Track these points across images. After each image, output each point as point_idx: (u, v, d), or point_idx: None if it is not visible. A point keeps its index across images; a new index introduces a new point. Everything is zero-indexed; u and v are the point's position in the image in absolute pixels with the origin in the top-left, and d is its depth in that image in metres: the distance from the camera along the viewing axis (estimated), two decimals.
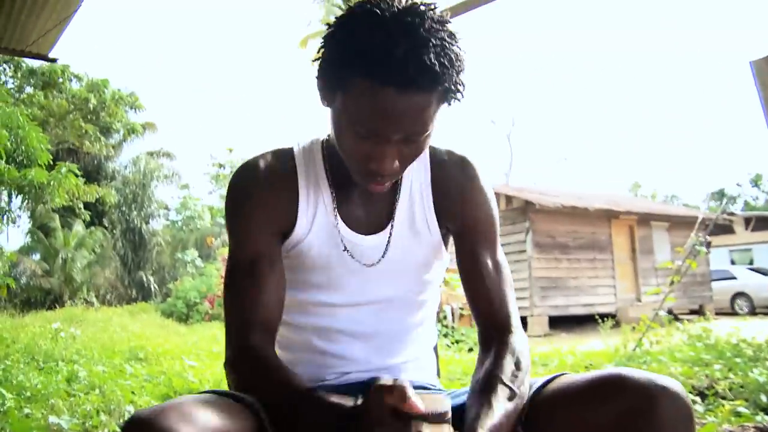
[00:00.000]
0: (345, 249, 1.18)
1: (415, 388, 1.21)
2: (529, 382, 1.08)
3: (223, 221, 28.97)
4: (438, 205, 1.21)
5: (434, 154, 1.23)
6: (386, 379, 0.91)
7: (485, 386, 1.03)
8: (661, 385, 0.91)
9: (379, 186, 1.07)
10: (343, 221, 1.18)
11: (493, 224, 1.23)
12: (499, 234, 1.25)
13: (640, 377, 0.93)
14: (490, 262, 1.20)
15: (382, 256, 1.19)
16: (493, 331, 1.16)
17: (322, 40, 1.00)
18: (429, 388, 1.25)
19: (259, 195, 1.14)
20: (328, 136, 1.20)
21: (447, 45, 0.93)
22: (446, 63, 0.92)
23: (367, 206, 1.20)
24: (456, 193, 1.21)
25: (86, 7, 5.02)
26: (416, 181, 1.21)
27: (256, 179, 1.16)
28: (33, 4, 4.84)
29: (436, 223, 1.21)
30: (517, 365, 1.07)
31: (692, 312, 15.66)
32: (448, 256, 1.27)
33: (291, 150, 1.21)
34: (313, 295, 1.20)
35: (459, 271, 1.23)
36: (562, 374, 1.08)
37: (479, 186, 1.22)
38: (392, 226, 1.20)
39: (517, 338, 1.14)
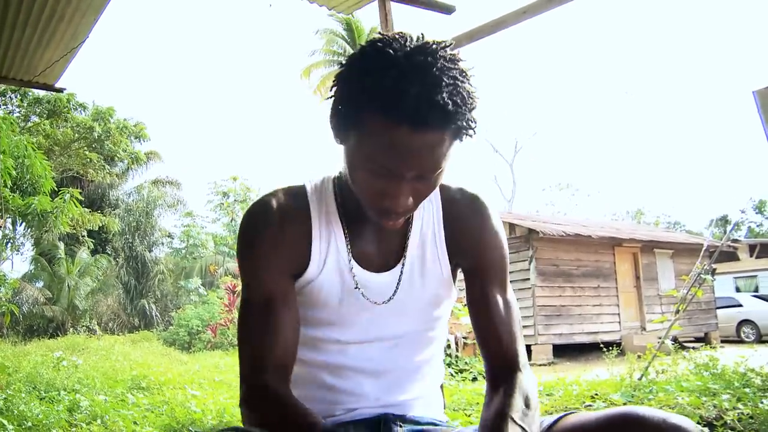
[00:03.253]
0: (357, 287, 1.17)
1: (423, 424, 1.21)
2: (539, 421, 1.07)
3: (226, 249, 29.00)
4: (449, 242, 1.21)
5: (446, 191, 1.23)
6: None
7: (495, 425, 1.02)
8: (675, 424, 0.91)
9: (393, 222, 1.07)
10: (355, 259, 1.18)
11: (504, 263, 1.23)
12: (508, 272, 1.25)
13: (654, 416, 0.92)
14: (500, 301, 1.20)
15: (393, 294, 1.19)
16: (502, 368, 1.16)
17: (335, 79, 1.01)
18: (437, 424, 1.24)
19: (272, 234, 1.14)
20: (340, 173, 1.20)
21: (459, 83, 0.94)
22: (459, 102, 0.93)
23: (378, 243, 1.20)
24: (468, 232, 1.21)
25: (93, 37, 5.09)
26: (427, 219, 1.21)
27: (268, 218, 1.15)
28: (41, 36, 4.91)
29: (448, 260, 1.21)
30: (527, 404, 1.07)
31: (697, 340, 15.53)
32: (456, 293, 1.27)
33: (303, 188, 1.21)
34: (324, 331, 1.20)
35: (469, 308, 1.23)
36: (572, 412, 1.07)
37: (491, 225, 1.22)
38: (403, 263, 1.20)
39: (526, 377, 1.14)
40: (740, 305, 17.45)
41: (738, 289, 19.71)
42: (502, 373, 1.15)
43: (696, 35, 69.75)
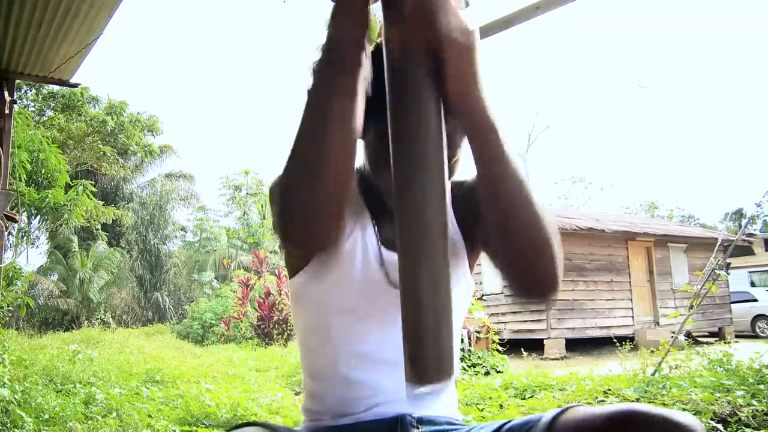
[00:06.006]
0: (383, 265, 1.19)
1: (440, 424, 1.21)
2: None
3: (238, 243, 29.13)
4: (462, 228, 1.24)
5: (455, 182, 1.26)
6: None
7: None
8: (677, 422, 0.90)
9: None
10: (381, 242, 1.20)
11: None
12: None
13: (655, 414, 0.92)
14: None
15: None
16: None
17: None
18: (453, 424, 1.24)
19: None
20: (359, 166, 1.22)
21: None
22: None
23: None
24: (470, 199, 1.21)
25: (107, 31, 5.12)
26: None
27: None
28: (56, 32, 4.95)
29: (465, 246, 1.23)
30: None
31: (711, 334, 15.46)
32: (473, 287, 1.28)
33: None
34: (344, 316, 1.20)
35: (485, 249, 1.17)
36: (573, 406, 1.07)
37: None
38: None
39: None
40: (755, 300, 17.34)
41: (753, 284, 19.57)
42: None
43: (712, 28, 69.09)
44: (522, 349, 10.28)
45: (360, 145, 1.09)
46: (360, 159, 1.16)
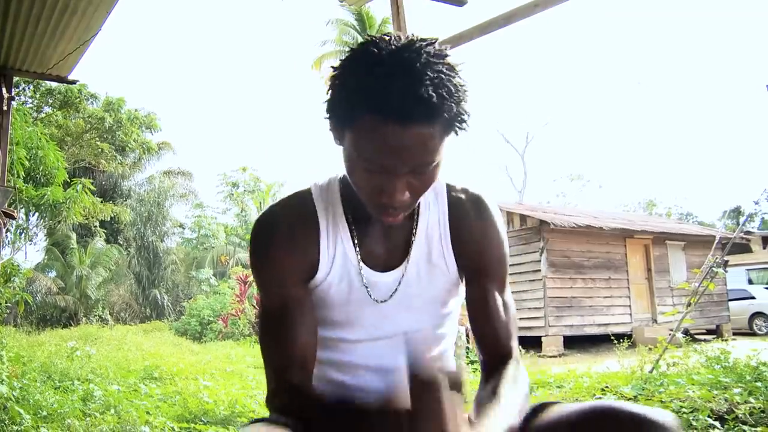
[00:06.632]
0: (363, 286, 1.20)
1: None
2: (526, 404, 1.10)
3: (236, 239, 29.11)
4: (454, 242, 1.23)
5: (451, 190, 1.25)
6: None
7: (489, 394, 1.08)
8: (652, 419, 0.91)
9: (393, 218, 1.09)
10: (362, 258, 1.21)
11: (503, 265, 1.26)
12: (508, 272, 1.28)
13: (630, 410, 0.93)
14: (498, 300, 1.23)
15: (395, 291, 1.21)
16: (496, 362, 1.20)
17: (329, 82, 1.04)
18: None
19: (281, 245, 1.17)
20: (341, 176, 1.23)
21: (444, 77, 0.95)
22: (444, 94, 0.94)
23: (385, 242, 1.22)
24: (471, 232, 1.23)
25: (105, 28, 5.12)
26: (433, 218, 1.23)
27: (276, 229, 1.18)
28: (54, 29, 4.94)
29: (454, 259, 1.23)
30: (518, 382, 1.12)
31: (709, 332, 15.48)
32: (464, 290, 1.29)
33: (309, 191, 1.24)
34: (333, 331, 1.22)
35: (467, 306, 1.26)
36: (551, 403, 1.09)
37: (494, 227, 1.24)
38: (408, 261, 1.22)
39: (519, 368, 1.19)
40: (753, 297, 17.34)
41: (751, 281, 19.58)
42: (496, 365, 1.19)
43: (710, 26, 69.09)
44: (519, 346, 10.27)
45: (340, 150, 1.09)
46: (341, 167, 1.15)
